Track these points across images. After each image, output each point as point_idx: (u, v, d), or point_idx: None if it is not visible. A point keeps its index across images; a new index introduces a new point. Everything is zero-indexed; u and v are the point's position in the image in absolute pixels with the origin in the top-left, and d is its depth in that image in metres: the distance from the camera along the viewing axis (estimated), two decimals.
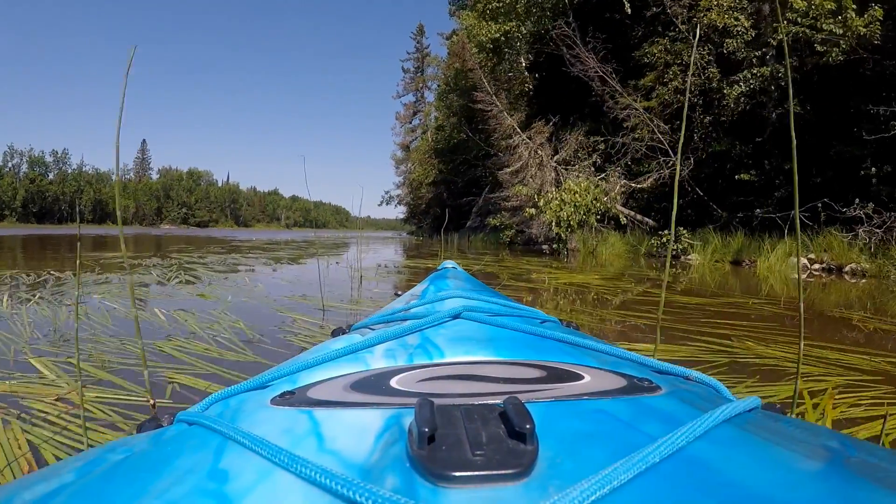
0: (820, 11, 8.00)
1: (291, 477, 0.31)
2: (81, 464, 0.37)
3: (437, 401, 0.37)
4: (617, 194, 10.22)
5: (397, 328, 0.64)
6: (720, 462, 0.32)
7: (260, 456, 0.34)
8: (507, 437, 0.32)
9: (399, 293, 1.46)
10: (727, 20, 9.64)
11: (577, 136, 11.30)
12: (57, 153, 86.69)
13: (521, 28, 13.31)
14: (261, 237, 22.86)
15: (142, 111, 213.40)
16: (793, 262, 7.83)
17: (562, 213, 9.45)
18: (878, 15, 7.64)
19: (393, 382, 0.47)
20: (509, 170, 11.47)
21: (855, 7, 7.80)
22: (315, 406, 0.43)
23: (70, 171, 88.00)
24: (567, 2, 12.71)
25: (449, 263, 1.61)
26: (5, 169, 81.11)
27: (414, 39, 42.99)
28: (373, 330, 0.73)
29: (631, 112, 10.64)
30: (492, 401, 0.40)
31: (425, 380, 0.48)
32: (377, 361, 0.53)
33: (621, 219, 10.41)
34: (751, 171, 9.78)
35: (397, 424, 0.37)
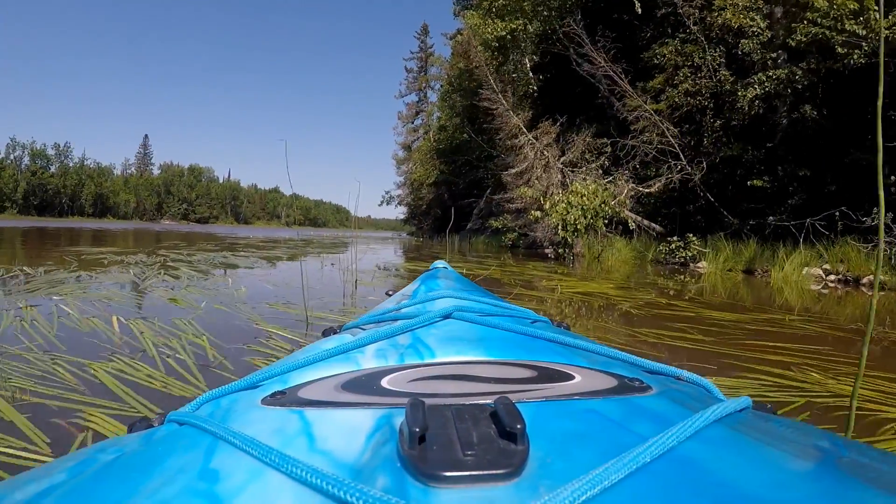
0: (842, 11, 7.67)
1: (282, 477, 0.31)
2: (72, 464, 0.36)
3: (428, 401, 0.37)
4: (626, 198, 9.88)
5: (388, 328, 0.63)
6: (711, 462, 0.32)
7: (251, 456, 0.33)
8: (498, 438, 0.32)
9: (390, 293, 1.39)
10: (742, 20, 9.32)
11: (585, 138, 10.95)
12: (59, 146, 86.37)
13: (528, 27, 13.01)
14: (259, 235, 22.45)
15: (144, 106, 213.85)
16: (809, 273, 7.51)
17: (568, 217, 9.09)
18: None
19: (384, 382, 0.46)
20: (514, 171, 11.11)
21: (877, 8, 7.48)
22: (306, 406, 0.42)
23: (72, 165, 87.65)
24: (575, 0, 12.40)
25: (440, 263, 1.59)
26: (7, 161, 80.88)
27: (418, 39, 42.76)
28: (364, 330, 0.72)
29: (640, 114, 10.30)
30: (482, 401, 0.40)
31: (416, 380, 0.47)
32: (368, 361, 0.53)
33: (630, 224, 10.07)
34: (763, 178, 9.46)
35: (388, 424, 0.37)
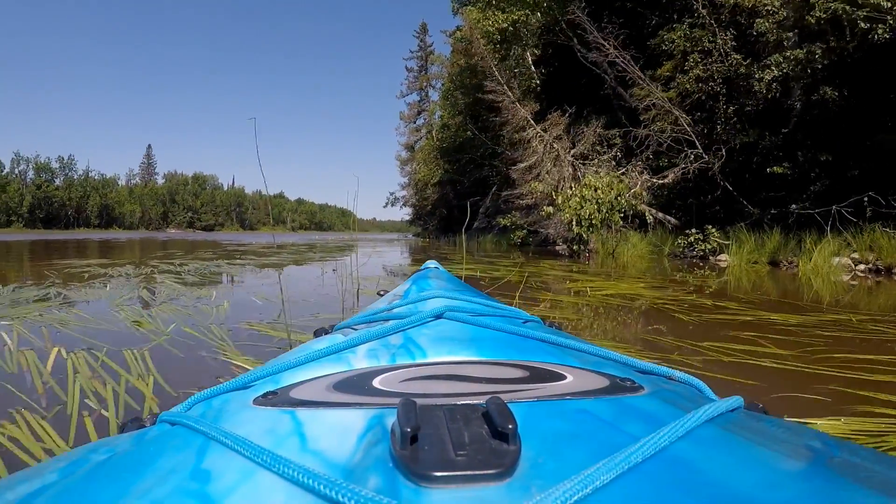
0: None
1: (274, 477, 0.31)
2: (64, 464, 0.36)
3: (420, 401, 0.37)
4: (641, 190, 9.47)
5: (380, 328, 0.63)
6: (702, 462, 0.32)
7: (242, 456, 0.33)
8: (490, 438, 0.32)
9: (382, 293, 1.33)
10: (756, 0, 8.91)
11: (595, 129, 10.54)
12: (63, 159, 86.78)
13: (531, 17, 12.64)
14: (262, 241, 22.11)
15: (146, 115, 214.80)
16: (840, 263, 7.10)
17: (583, 212, 8.70)
18: None
19: (375, 382, 0.46)
20: (522, 165, 10.72)
21: None
22: (298, 406, 0.42)
23: (76, 177, 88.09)
24: None
25: (431, 263, 1.54)
26: (12, 175, 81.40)
27: (417, 37, 42.43)
28: (355, 330, 0.72)
29: (652, 101, 9.90)
30: (474, 401, 0.40)
31: (408, 380, 0.47)
32: (360, 361, 0.52)
33: (647, 217, 9.66)
34: (783, 164, 9.03)
35: (380, 424, 0.37)
